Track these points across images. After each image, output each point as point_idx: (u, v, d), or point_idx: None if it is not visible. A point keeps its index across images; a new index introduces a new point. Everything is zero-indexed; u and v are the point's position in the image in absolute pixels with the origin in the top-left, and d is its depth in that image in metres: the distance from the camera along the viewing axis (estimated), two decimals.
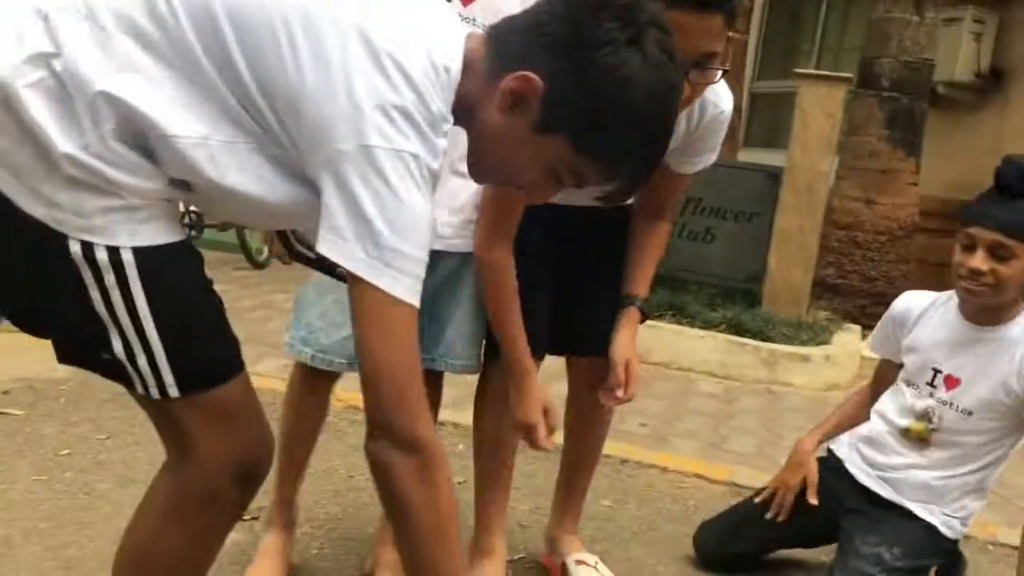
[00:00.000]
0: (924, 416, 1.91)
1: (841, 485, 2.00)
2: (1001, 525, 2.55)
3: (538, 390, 1.68)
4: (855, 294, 5.40)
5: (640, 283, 1.77)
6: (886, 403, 1.99)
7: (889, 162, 5.44)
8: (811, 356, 4.04)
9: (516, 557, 2.11)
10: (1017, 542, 2.51)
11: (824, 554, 2.14)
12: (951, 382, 1.88)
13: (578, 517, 2.06)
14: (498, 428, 1.86)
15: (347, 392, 3.06)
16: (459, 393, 3.37)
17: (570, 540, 2.01)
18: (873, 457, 1.98)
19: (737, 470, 2.82)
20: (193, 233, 4.91)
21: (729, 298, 4.49)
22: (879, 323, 2.06)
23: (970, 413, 1.86)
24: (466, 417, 3.01)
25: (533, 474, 2.56)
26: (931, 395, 1.90)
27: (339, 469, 2.48)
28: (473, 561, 1.87)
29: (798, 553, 2.18)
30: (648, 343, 3.96)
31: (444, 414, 3.07)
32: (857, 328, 4.71)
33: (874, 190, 5.44)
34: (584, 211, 1.76)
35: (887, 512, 1.93)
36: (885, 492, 1.95)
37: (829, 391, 3.95)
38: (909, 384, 1.95)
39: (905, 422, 1.93)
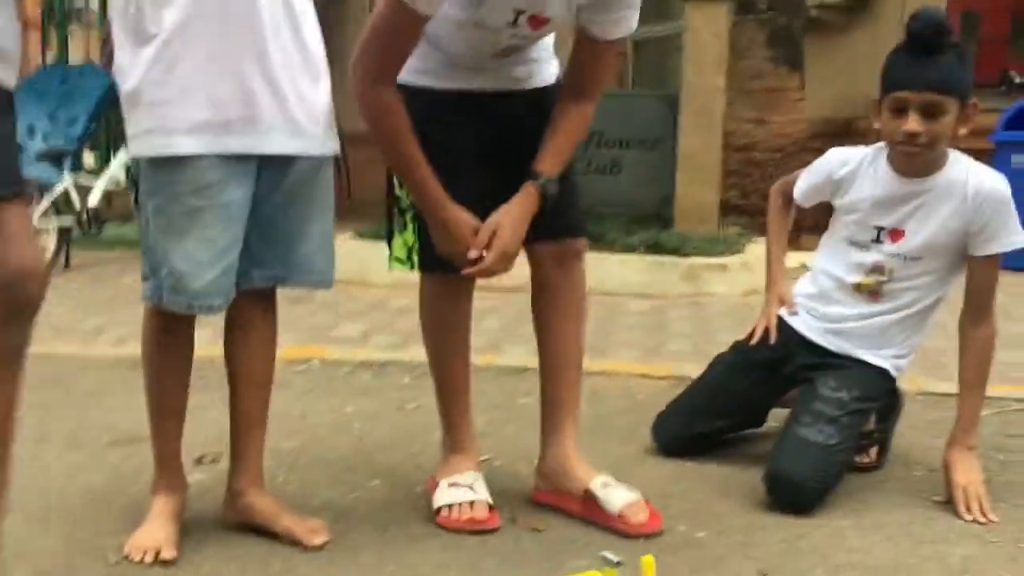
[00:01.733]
0: (875, 270, 2.01)
1: (795, 349, 2.09)
2: (924, 376, 2.71)
3: (464, 219, 1.67)
4: (759, 211, 5.59)
5: (547, 160, 1.71)
6: (831, 262, 2.08)
7: (775, 81, 5.63)
8: (729, 265, 4.18)
9: (483, 459, 2.15)
10: (939, 390, 2.75)
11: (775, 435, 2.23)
12: (896, 235, 1.98)
13: (576, 435, 1.91)
14: (441, 337, 1.89)
15: (292, 348, 3.07)
16: (403, 336, 3.43)
17: (581, 464, 1.86)
18: (824, 311, 2.07)
19: (678, 365, 2.91)
20: (93, 231, 4.73)
21: (643, 224, 4.58)
22: (806, 175, 2.12)
23: (918, 258, 1.97)
24: (408, 355, 3.07)
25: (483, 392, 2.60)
26: (878, 250, 2.00)
27: (292, 412, 2.47)
28: (445, 458, 1.89)
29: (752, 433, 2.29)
30: None
31: (390, 354, 3.11)
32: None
33: (765, 109, 5.62)
34: (515, 96, 1.79)
35: (841, 361, 2.03)
36: (836, 345, 2.05)
37: (749, 296, 4.08)
38: (853, 243, 2.03)
39: (855, 278, 2.03)
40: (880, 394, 2.02)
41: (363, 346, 3.22)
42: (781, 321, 2.13)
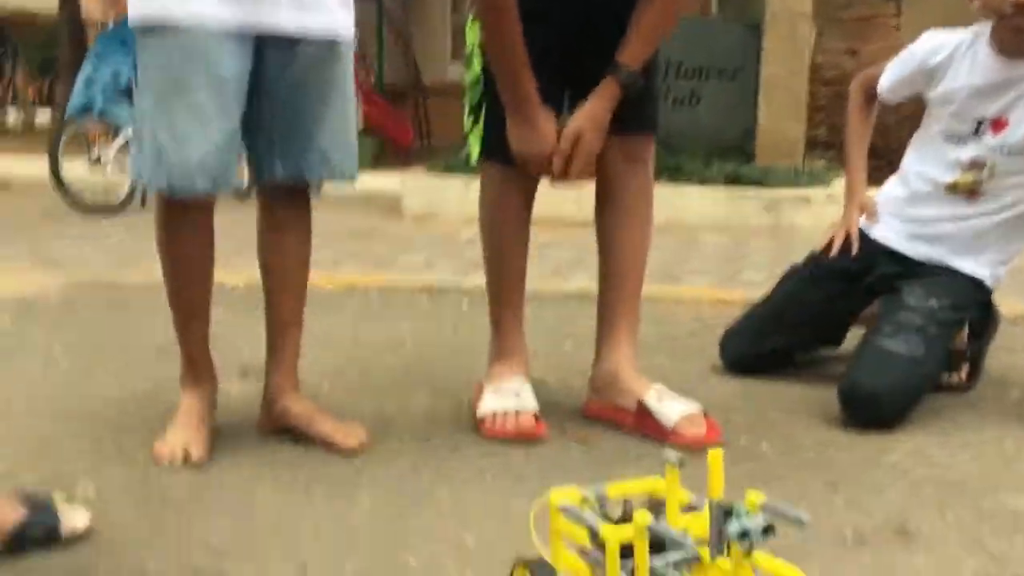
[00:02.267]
0: (973, 167, 1.81)
1: (878, 259, 1.91)
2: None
3: (551, 122, 1.60)
4: None
5: (629, 51, 1.61)
6: (924, 161, 1.88)
7: (868, 8, 5.31)
8: (812, 197, 3.96)
9: (537, 378, 2.04)
10: None
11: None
12: (998, 125, 1.78)
13: (635, 345, 1.78)
14: (499, 230, 1.77)
15: (351, 275, 3.00)
16: (468, 263, 3.33)
17: (636, 376, 1.73)
18: (913, 213, 1.88)
19: (754, 292, 2.74)
20: None
21: (724, 157, 4.38)
22: (893, 66, 1.93)
23: (1023, 152, 1.76)
24: (470, 281, 2.98)
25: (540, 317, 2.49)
26: (978, 144, 1.80)
27: (343, 334, 2.40)
28: (491, 365, 1.78)
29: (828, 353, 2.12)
30: None
31: (451, 280, 3.03)
32: None
33: (857, 39, 5.32)
34: None
35: (930, 270, 1.85)
36: (925, 254, 1.87)
37: None
38: (949, 138, 1.84)
39: (951, 177, 1.83)
40: (973, 304, 1.82)
41: (425, 273, 3.14)
42: (861, 232, 1.95)
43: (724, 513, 0.90)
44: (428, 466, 1.54)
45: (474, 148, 1.71)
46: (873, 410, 1.68)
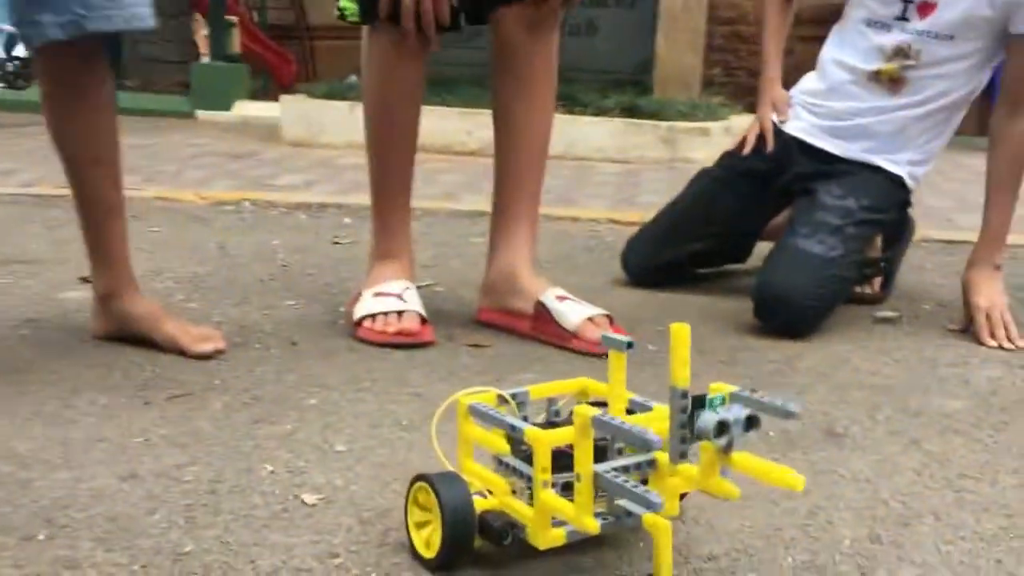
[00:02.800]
0: (898, 54, 1.67)
1: (793, 157, 1.76)
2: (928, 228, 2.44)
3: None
4: (745, 90, 5.24)
5: None
6: (844, 50, 1.74)
7: None
8: (711, 130, 3.84)
9: (424, 284, 1.84)
10: (946, 237, 2.48)
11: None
12: (925, 9, 1.64)
13: (534, 244, 1.60)
14: (383, 109, 1.52)
15: (222, 191, 2.65)
16: (351, 184, 3.04)
17: (534, 278, 1.55)
18: (832, 106, 1.74)
19: (651, 214, 2.60)
20: (21, 83, 4.32)
21: (620, 88, 4.22)
22: None
23: (950, 37, 1.63)
24: (352, 199, 2.75)
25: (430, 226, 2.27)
26: (903, 29, 1.66)
27: (207, 244, 2.14)
28: (374, 265, 1.57)
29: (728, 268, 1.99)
30: None
31: (332, 198, 2.79)
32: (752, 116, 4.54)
33: None
34: None
35: (848, 168, 1.71)
36: (843, 149, 1.73)
37: None
38: (872, 23, 1.69)
39: (874, 65, 1.69)
40: (892, 206, 1.71)
41: (303, 192, 2.88)
42: (776, 129, 1.81)
43: (692, 403, 0.74)
44: (293, 371, 1.33)
45: (347, 4, 1.46)
46: (786, 311, 1.54)
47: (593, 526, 0.75)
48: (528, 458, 0.80)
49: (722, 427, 0.72)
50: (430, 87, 4.68)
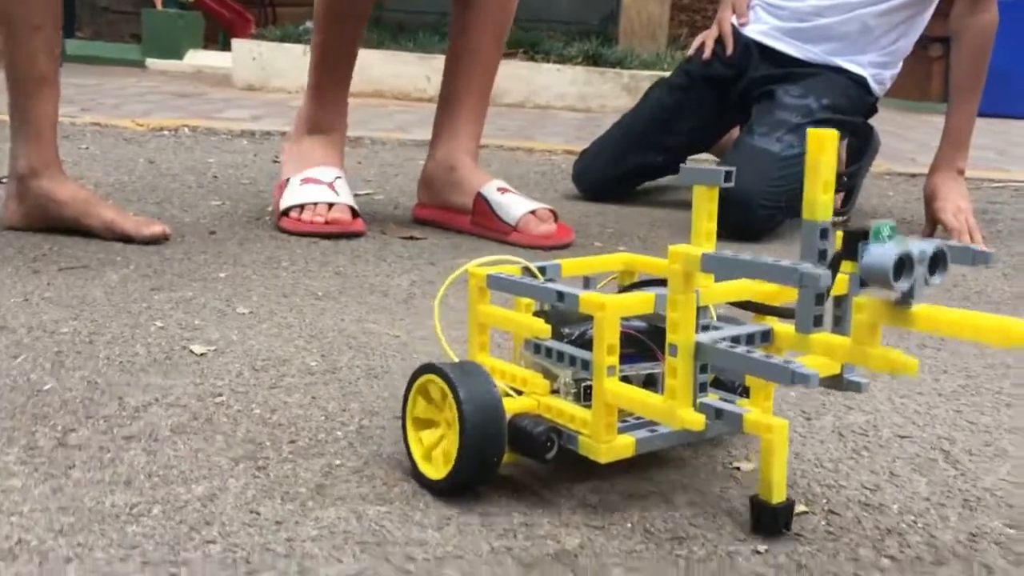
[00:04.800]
0: None
1: (751, 61, 1.67)
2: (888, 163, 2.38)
3: None
4: None
5: None
6: None
7: None
8: None
9: (363, 193, 1.74)
10: (908, 171, 2.42)
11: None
12: None
13: (478, 139, 1.50)
14: None
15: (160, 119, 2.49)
16: (291, 119, 2.86)
17: (477, 172, 1.45)
18: (793, 6, 1.65)
19: None
20: None
21: (585, 38, 4.13)
22: None
23: None
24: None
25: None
26: None
27: (136, 159, 2.02)
28: (301, 137, 1.45)
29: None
30: (498, 82, 3.58)
31: (279, 127, 2.66)
32: None
33: None
34: None
35: (809, 70, 1.63)
36: (803, 51, 1.64)
37: None
38: None
39: None
40: (855, 108, 1.62)
41: (249, 123, 2.76)
42: (735, 32, 1.72)
43: (848, 239, 0.50)
44: (205, 252, 1.22)
45: None
46: (739, 210, 1.45)
47: (697, 420, 0.52)
48: (578, 344, 0.62)
49: (902, 264, 0.47)
50: (390, 34, 4.59)
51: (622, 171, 1.76)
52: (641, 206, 1.76)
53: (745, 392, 0.63)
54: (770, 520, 0.55)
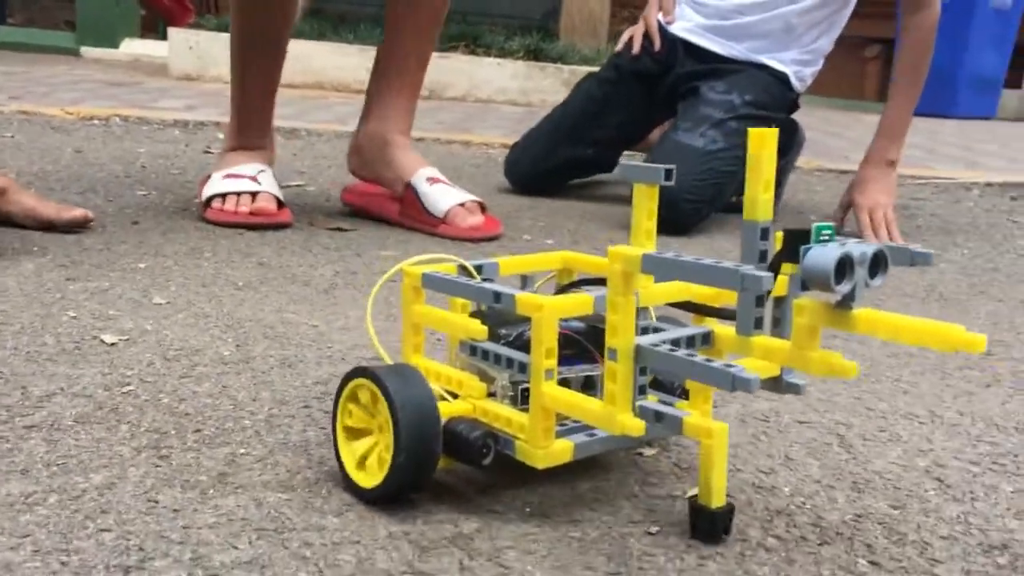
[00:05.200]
0: None
1: (677, 58, 1.70)
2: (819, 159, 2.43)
3: None
4: None
5: None
6: None
7: None
8: None
9: (293, 184, 1.73)
10: (839, 167, 2.48)
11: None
12: None
13: (412, 117, 1.47)
14: None
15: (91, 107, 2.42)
16: (227, 109, 2.77)
17: (408, 152, 1.44)
18: (716, 5, 1.68)
19: None
20: None
21: (526, 33, 4.14)
22: None
23: None
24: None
25: None
26: None
27: (63, 149, 1.98)
28: (227, 151, 1.44)
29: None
30: (440, 76, 3.59)
31: (213, 118, 2.61)
32: None
33: None
34: None
35: (733, 66, 1.66)
36: (727, 48, 1.67)
37: None
38: None
39: None
40: (777, 104, 1.65)
41: (183, 113, 2.72)
42: (662, 29, 1.74)
43: (788, 239, 0.50)
44: (126, 242, 1.20)
45: None
46: (667, 205, 1.43)
47: (637, 426, 0.51)
48: (515, 346, 0.61)
49: (843, 266, 0.47)
50: (331, 26, 4.54)
51: (552, 164, 1.77)
52: (572, 200, 1.78)
53: (684, 394, 0.63)
54: (709, 525, 0.55)
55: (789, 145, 1.79)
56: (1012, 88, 5.18)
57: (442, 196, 1.39)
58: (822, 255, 0.47)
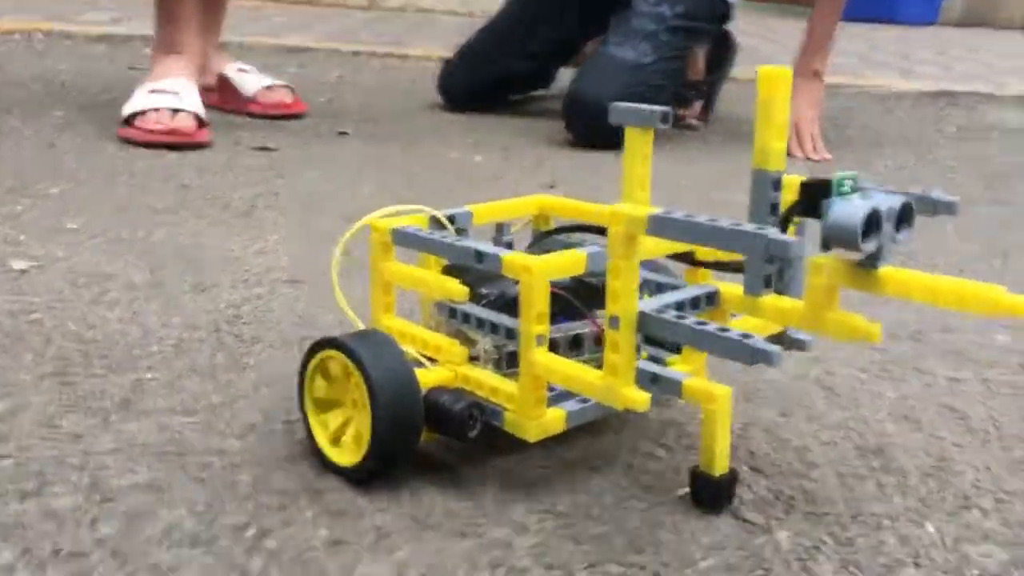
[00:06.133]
0: None
1: None
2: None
3: None
4: None
5: None
6: None
7: None
8: None
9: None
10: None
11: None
12: None
13: (221, 25, 1.63)
14: None
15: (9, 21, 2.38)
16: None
17: (218, 55, 1.63)
18: None
19: None
20: None
21: None
22: None
23: None
24: None
25: None
26: None
27: None
28: (155, 62, 1.42)
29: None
30: None
31: (141, 31, 2.53)
32: None
33: None
34: None
35: None
36: None
37: None
38: None
39: None
40: (709, 16, 1.64)
41: (109, 27, 2.63)
42: None
43: (807, 191, 0.47)
44: (41, 164, 1.18)
45: None
46: (592, 117, 1.47)
47: (642, 400, 0.47)
48: (497, 306, 0.56)
49: (870, 223, 0.43)
50: None
51: (486, 78, 1.75)
52: (504, 116, 1.77)
53: (677, 349, 0.59)
54: (713, 493, 0.51)
55: (724, 57, 1.79)
56: None
57: (250, 80, 1.60)
58: (848, 211, 0.42)
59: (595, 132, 1.48)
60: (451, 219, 0.60)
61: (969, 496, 0.55)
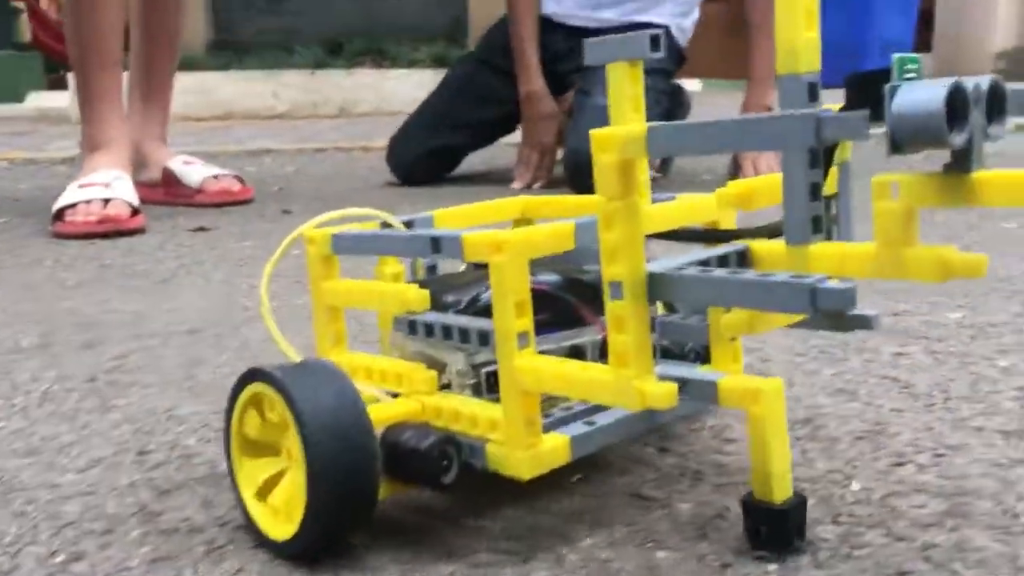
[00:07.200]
0: None
1: (551, 38, 1.67)
2: None
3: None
4: None
5: None
6: None
7: None
8: None
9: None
10: None
11: None
12: None
13: (166, 122, 1.64)
14: None
15: None
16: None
17: (161, 148, 1.61)
18: None
19: None
20: None
21: (432, 41, 4.12)
22: None
23: None
24: None
25: None
26: None
27: None
28: (85, 156, 1.41)
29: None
30: (348, 93, 3.56)
31: None
32: None
33: None
34: None
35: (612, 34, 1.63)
36: (600, 20, 1.65)
37: None
38: None
39: None
40: (668, 58, 1.62)
41: (72, 150, 2.64)
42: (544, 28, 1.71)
43: (858, 84, 0.32)
44: None
45: None
46: (583, 168, 1.43)
47: (665, 393, 0.35)
48: (469, 314, 0.44)
49: (955, 106, 0.29)
50: (232, 54, 4.43)
51: (435, 146, 1.73)
52: (452, 186, 1.74)
53: (699, 358, 0.47)
54: (777, 527, 0.38)
55: (675, 109, 1.77)
56: (921, 52, 5.26)
57: (195, 172, 1.56)
58: (923, 92, 0.29)
59: (582, 180, 1.45)
60: (408, 224, 0.50)
61: (904, 454, 0.48)
